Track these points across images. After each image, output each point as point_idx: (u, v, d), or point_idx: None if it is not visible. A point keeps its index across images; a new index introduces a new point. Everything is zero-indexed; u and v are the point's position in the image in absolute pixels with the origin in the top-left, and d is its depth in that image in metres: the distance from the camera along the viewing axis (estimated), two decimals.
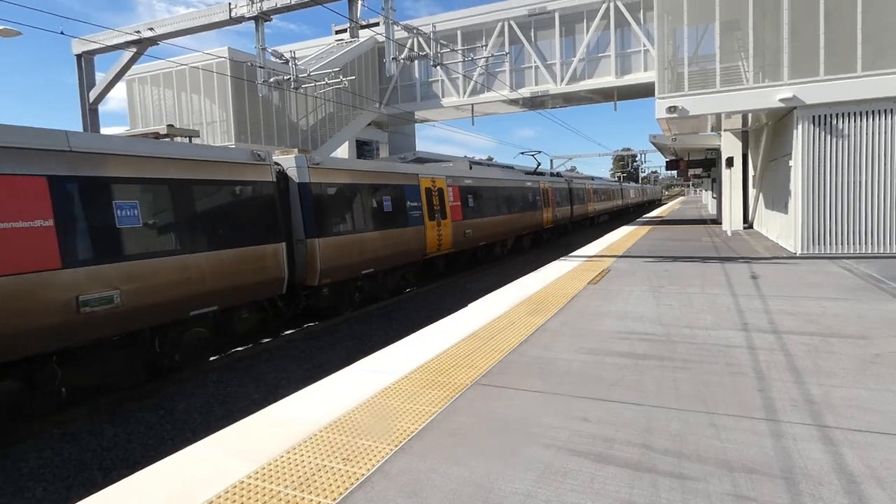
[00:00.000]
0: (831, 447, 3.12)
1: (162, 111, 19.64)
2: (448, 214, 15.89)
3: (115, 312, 7.07)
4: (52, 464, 5.79)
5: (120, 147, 7.50)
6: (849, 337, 5.37)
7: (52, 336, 6.49)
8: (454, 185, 16.70)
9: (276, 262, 9.59)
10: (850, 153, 11.20)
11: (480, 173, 19.22)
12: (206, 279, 8.27)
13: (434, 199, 15.17)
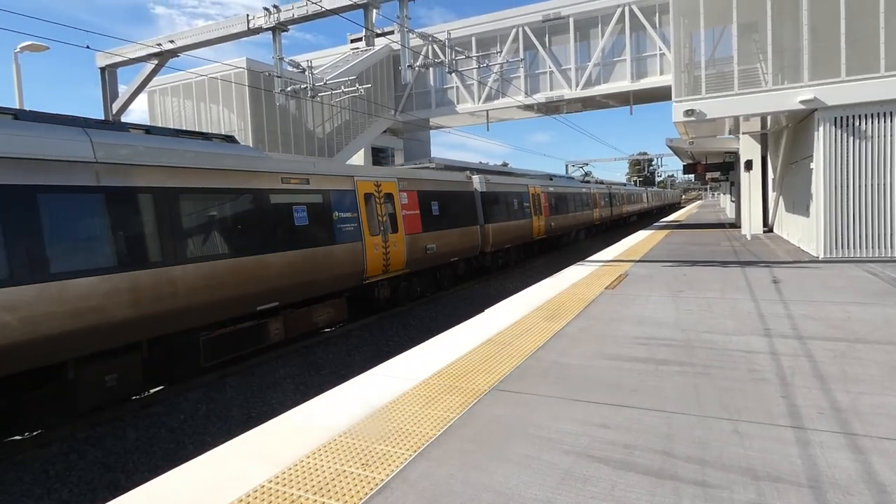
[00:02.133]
0: (860, 455, 3.05)
1: (182, 121, 19.99)
2: (543, 212, 23.13)
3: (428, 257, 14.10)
4: (77, 466, 5.90)
5: (432, 175, 15.51)
6: (876, 342, 5.25)
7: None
8: (545, 191, 23.88)
9: (477, 236, 17.29)
10: (874, 155, 10.98)
11: (558, 183, 27.12)
12: (457, 243, 15.89)
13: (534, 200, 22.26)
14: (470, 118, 24.39)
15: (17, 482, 5.61)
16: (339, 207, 11.06)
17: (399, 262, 12.86)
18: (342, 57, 23.72)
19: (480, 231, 17.37)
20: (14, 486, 5.55)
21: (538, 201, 22.60)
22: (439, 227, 14.74)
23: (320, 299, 10.64)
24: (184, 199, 8.02)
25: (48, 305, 6.21)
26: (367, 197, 11.95)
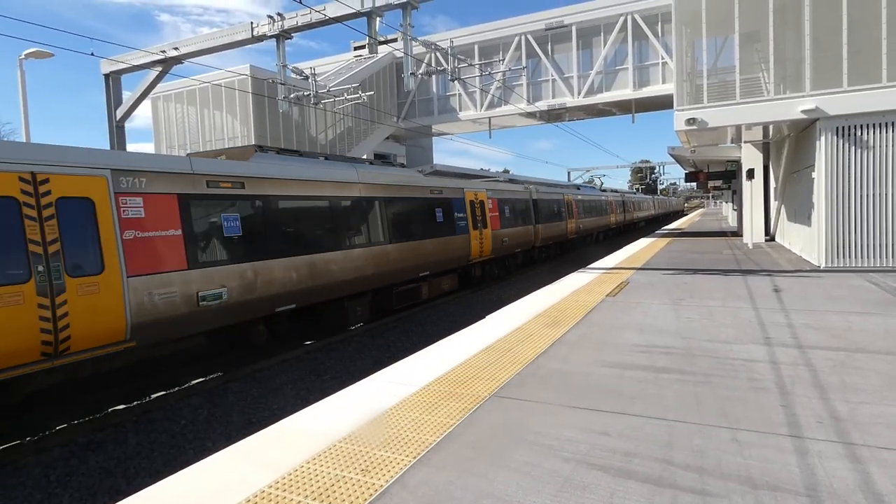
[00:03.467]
0: (858, 465, 3.06)
1: (185, 127, 20.13)
2: (574, 216, 27.71)
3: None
4: (78, 471, 5.91)
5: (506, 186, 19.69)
6: (876, 352, 5.25)
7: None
8: (574, 199, 28.25)
9: (531, 233, 21.48)
10: (876, 164, 11.00)
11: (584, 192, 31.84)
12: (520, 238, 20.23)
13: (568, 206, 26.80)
14: (472, 125, 24.50)
15: (19, 486, 5.63)
16: (458, 209, 15.87)
17: (487, 250, 17.56)
18: (345, 64, 23.88)
19: (534, 230, 22.01)
20: (16, 490, 5.57)
21: (570, 207, 27.31)
22: (509, 225, 19.42)
23: (444, 273, 15.28)
24: (390, 203, 12.74)
25: (347, 263, 11.04)
26: (471, 202, 16.67)
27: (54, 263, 6.42)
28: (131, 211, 7.33)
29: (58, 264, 6.45)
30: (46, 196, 6.48)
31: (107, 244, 6.95)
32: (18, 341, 6.03)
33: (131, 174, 7.43)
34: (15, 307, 5.99)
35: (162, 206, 7.72)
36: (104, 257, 6.90)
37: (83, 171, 6.90)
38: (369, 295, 12.17)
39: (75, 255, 6.66)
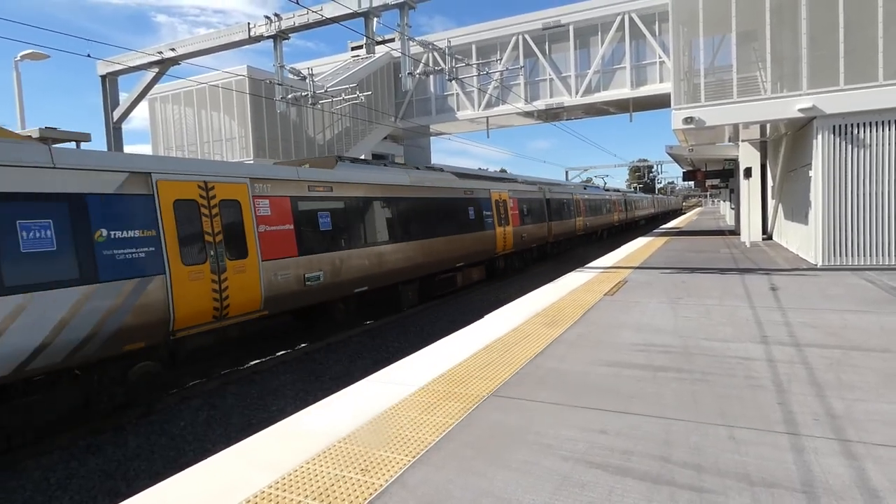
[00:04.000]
0: (854, 462, 3.08)
1: (183, 129, 20.11)
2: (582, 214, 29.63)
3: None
4: (78, 474, 5.92)
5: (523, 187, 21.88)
6: (872, 350, 5.28)
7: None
8: (582, 198, 30.27)
9: (545, 229, 23.36)
10: (872, 163, 11.04)
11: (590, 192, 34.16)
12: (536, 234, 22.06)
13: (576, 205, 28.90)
14: (470, 125, 24.53)
15: (19, 489, 5.63)
16: (486, 208, 17.70)
17: (510, 245, 19.38)
18: (343, 64, 23.88)
19: (548, 226, 23.90)
20: (16, 493, 5.58)
21: (578, 206, 29.30)
22: (527, 222, 21.39)
23: (475, 265, 17.10)
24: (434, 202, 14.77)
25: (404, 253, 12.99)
26: (496, 202, 18.51)
27: (220, 249, 8.41)
28: (262, 210, 9.34)
29: (221, 250, 8.44)
30: (213, 199, 8.46)
31: (248, 235, 8.99)
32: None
33: (261, 181, 9.40)
34: (199, 281, 8.06)
35: (281, 205, 9.73)
36: (248, 245, 8.94)
37: (232, 180, 8.88)
38: (417, 282, 14.21)
39: (231, 243, 8.65)
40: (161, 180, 7.82)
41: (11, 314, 5.94)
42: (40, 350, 6.20)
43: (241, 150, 18.78)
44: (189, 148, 20.07)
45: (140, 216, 7.45)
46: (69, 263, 6.60)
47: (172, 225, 7.83)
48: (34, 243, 6.31)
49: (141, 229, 7.42)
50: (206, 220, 8.26)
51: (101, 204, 7.02)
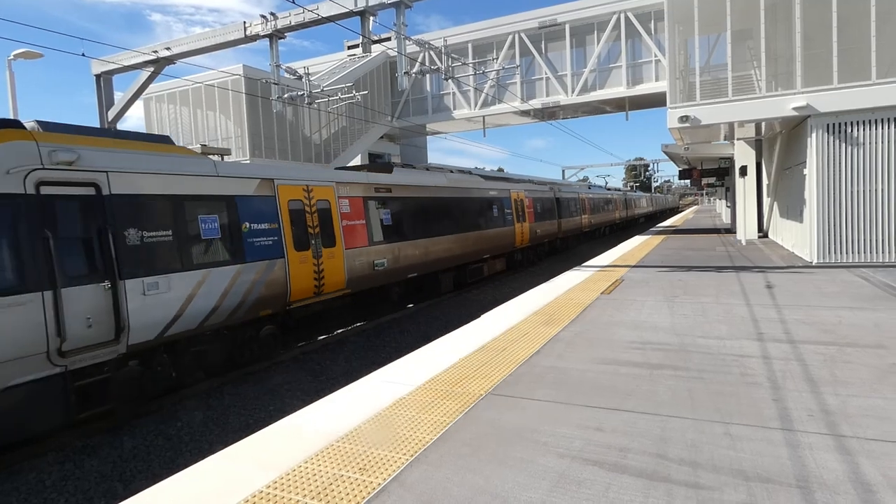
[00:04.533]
0: (847, 456, 3.11)
1: (178, 128, 20.03)
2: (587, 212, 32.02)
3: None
4: (73, 476, 5.90)
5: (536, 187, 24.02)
6: (866, 346, 5.32)
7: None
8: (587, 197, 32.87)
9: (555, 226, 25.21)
10: (866, 161, 11.11)
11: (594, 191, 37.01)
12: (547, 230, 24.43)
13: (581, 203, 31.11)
14: (466, 124, 24.51)
15: (13, 492, 5.61)
16: (506, 206, 19.86)
17: (526, 239, 21.56)
18: (339, 63, 23.83)
19: (557, 223, 26.05)
20: (10, 495, 5.56)
21: (584, 204, 31.69)
22: (541, 219, 23.40)
23: (497, 257, 19.13)
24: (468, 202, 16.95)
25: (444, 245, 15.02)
26: (514, 201, 20.62)
27: (317, 239, 10.41)
28: (344, 207, 11.37)
29: (318, 240, 10.43)
30: (312, 199, 10.54)
31: (336, 228, 10.99)
32: (307, 284, 10.07)
33: (342, 184, 11.48)
34: (305, 264, 10.05)
35: (356, 204, 11.82)
36: (335, 236, 10.93)
37: (324, 183, 10.95)
38: (453, 271, 16.23)
39: (324, 234, 10.62)
40: (280, 185, 9.85)
41: (197, 284, 7.89)
42: (213, 312, 8.15)
43: (237, 150, 18.71)
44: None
45: (268, 213, 9.45)
46: (229, 248, 8.61)
47: (287, 219, 9.82)
48: (208, 232, 8.26)
49: (269, 223, 9.45)
50: (308, 215, 10.35)
51: (244, 203, 9.02)
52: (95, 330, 6.63)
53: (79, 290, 6.50)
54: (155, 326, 7.37)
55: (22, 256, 6.12)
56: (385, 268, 12.38)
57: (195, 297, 7.84)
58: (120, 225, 7.09)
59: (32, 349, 5.99)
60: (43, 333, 6.08)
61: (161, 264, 7.54)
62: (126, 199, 7.25)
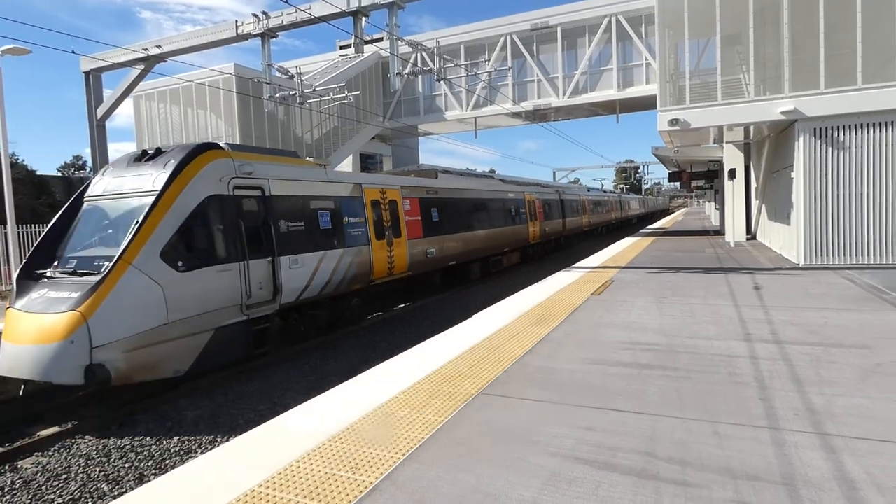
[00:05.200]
0: (832, 455, 3.17)
1: (168, 127, 19.89)
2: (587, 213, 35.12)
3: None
4: (58, 476, 5.85)
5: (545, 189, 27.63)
6: (851, 347, 5.41)
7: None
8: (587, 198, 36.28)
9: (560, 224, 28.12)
10: (852, 165, 11.28)
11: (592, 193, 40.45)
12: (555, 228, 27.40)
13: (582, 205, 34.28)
14: (458, 125, 24.52)
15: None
16: (521, 206, 22.70)
17: (537, 236, 24.42)
18: (331, 63, 23.77)
19: (562, 222, 28.67)
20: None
21: (584, 206, 34.76)
22: (548, 219, 26.16)
23: (513, 251, 21.83)
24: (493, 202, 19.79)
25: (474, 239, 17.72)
26: (528, 202, 23.49)
27: (389, 231, 13.09)
28: (406, 206, 14.12)
29: (390, 231, 13.11)
30: (385, 199, 13.20)
31: (401, 222, 13.73)
32: (383, 266, 12.73)
33: (405, 187, 14.43)
34: (382, 250, 12.73)
35: (414, 204, 14.61)
36: (401, 229, 13.66)
37: (393, 186, 13.80)
38: (480, 261, 18.68)
39: (394, 227, 13.32)
40: (366, 187, 12.56)
41: (318, 262, 10.50)
42: (326, 284, 10.77)
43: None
44: None
45: (358, 210, 12.09)
46: (336, 236, 11.21)
47: (370, 215, 12.43)
48: (323, 224, 10.91)
49: (359, 217, 12.05)
50: (384, 212, 12.94)
51: (345, 202, 11.72)
52: (264, 292, 9.23)
53: (256, 263, 9.04)
54: (295, 292, 9.95)
55: (229, 237, 8.67)
56: (433, 256, 15.24)
57: (317, 272, 10.51)
58: (275, 217, 9.63)
59: (234, 301, 8.60)
60: (239, 291, 8.66)
61: (298, 247, 10.07)
62: (278, 198, 9.80)
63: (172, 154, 8.64)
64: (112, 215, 8.42)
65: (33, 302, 7.30)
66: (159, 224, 7.77)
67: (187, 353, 7.91)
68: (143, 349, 7.31)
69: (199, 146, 8.92)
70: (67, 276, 7.67)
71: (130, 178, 8.58)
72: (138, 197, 8.21)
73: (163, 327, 7.51)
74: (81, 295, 7.03)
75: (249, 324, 8.90)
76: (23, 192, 27.23)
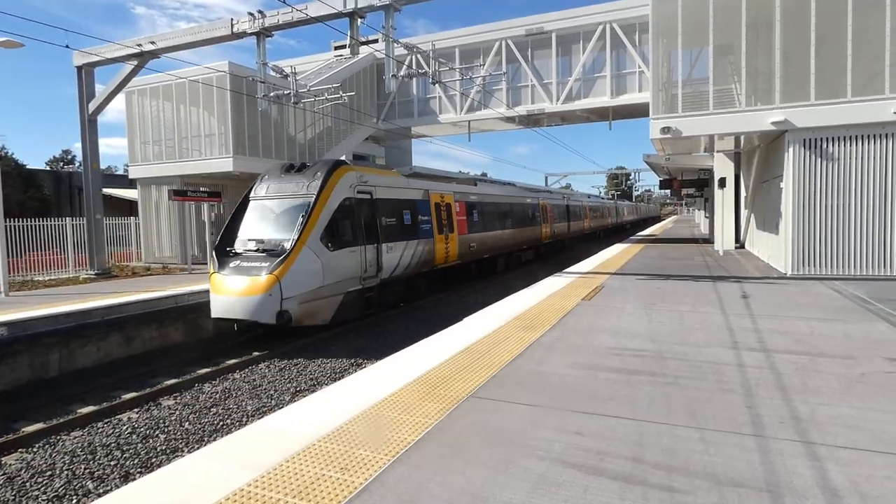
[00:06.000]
0: (816, 463, 3.21)
1: (161, 123, 19.76)
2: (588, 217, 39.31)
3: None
4: (43, 473, 5.78)
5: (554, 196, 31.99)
6: (836, 356, 5.49)
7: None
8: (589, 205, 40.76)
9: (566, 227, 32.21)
10: (840, 176, 11.43)
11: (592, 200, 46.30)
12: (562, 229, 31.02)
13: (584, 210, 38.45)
14: (452, 128, 24.61)
15: None
16: (536, 210, 25.95)
17: (548, 236, 27.83)
18: (326, 63, 23.76)
19: (567, 225, 32.40)
20: None
21: (586, 211, 39.05)
22: (556, 221, 29.64)
23: (529, 248, 24.96)
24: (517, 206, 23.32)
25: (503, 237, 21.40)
26: (541, 206, 26.86)
27: (446, 227, 16.12)
28: (456, 208, 17.24)
29: (447, 228, 16.18)
30: (444, 202, 16.41)
31: (453, 221, 16.79)
32: (442, 255, 15.64)
33: (456, 192, 17.54)
34: (441, 243, 15.67)
35: (461, 206, 17.63)
36: (454, 226, 16.73)
37: (448, 192, 16.93)
38: (504, 257, 21.67)
39: (449, 224, 16.37)
40: (431, 192, 15.87)
41: (402, 249, 13.59)
42: (407, 266, 13.90)
43: (221, 147, 18.53)
44: (167, 143, 19.71)
45: (426, 210, 15.29)
46: (413, 230, 14.29)
47: (434, 214, 15.63)
48: (406, 219, 14.08)
49: (427, 216, 15.23)
50: (442, 212, 16.13)
51: (418, 203, 14.93)
52: (372, 269, 12.33)
53: (370, 247, 12.25)
54: (388, 270, 13.03)
55: (355, 228, 11.88)
56: (474, 249, 18.28)
57: (402, 256, 13.64)
58: (378, 213, 12.80)
59: (356, 274, 11.76)
60: (360, 267, 11.83)
61: (392, 237, 13.25)
62: (380, 200, 13.04)
63: (318, 168, 11.82)
64: (277, 210, 11.53)
65: (235, 269, 10.38)
66: (319, 217, 10.91)
67: (330, 308, 11.09)
68: (309, 302, 10.52)
69: (335, 162, 12.24)
70: (255, 252, 10.82)
71: (286, 184, 11.73)
72: (299, 198, 11.34)
73: (319, 289, 10.67)
74: (275, 264, 10.11)
75: (363, 292, 12.11)
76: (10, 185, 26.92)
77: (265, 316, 9.91)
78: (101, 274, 16.10)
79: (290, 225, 10.96)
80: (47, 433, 6.77)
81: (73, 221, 17.64)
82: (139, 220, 20.68)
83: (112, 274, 16.41)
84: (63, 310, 9.68)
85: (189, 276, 15.19)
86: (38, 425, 7.04)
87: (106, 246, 17.54)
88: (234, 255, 10.87)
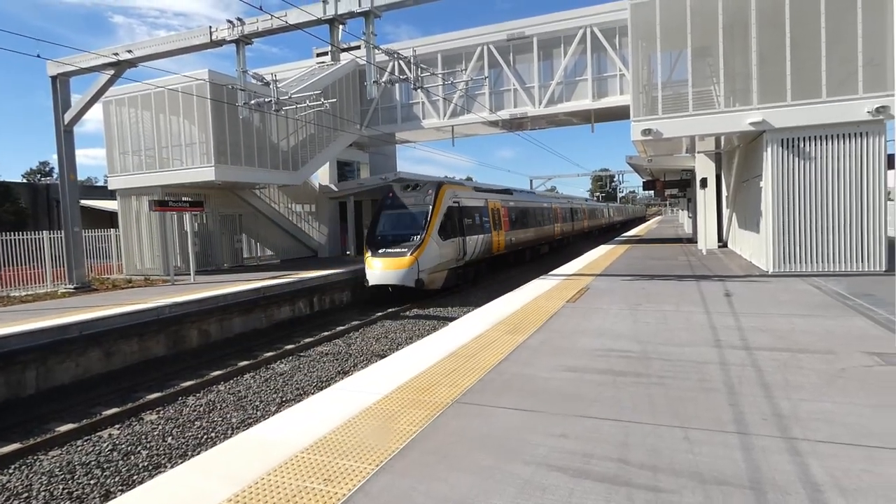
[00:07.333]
0: (798, 458, 3.24)
1: (140, 133, 19.52)
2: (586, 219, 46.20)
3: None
4: (19, 495, 5.64)
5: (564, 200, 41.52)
6: (816, 352, 5.55)
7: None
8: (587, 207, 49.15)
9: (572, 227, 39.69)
10: (817, 175, 11.63)
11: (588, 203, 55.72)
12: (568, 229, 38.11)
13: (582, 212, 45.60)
14: (435, 133, 24.59)
15: None
16: (550, 213, 32.17)
17: (559, 234, 33.74)
18: (307, 71, 23.65)
19: (571, 225, 37.88)
20: None
21: (584, 213, 45.29)
22: (563, 222, 35.35)
23: (545, 244, 30.82)
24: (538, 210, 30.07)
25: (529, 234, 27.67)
26: (553, 209, 32.96)
27: (498, 226, 22.07)
28: (501, 212, 22.79)
29: (498, 226, 22.15)
30: (494, 207, 22.13)
31: (500, 221, 22.41)
32: (496, 247, 21.67)
33: (501, 200, 23.44)
34: (495, 237, 21.53)
35: (505, 209, 23.34)
36: (501, 225, 22.49)
37: (496, 200, 22.73)
38: (529, 250, 26.88)
39: (498, 224, 22.18)
40: (489, 200, 21.37)
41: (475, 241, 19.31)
42: (479, 251, 19.64)
43: (202, 156, 18.33)
44: (146, 153, 19.47)
45: (486, 213, 20.70)
46: (481, 227, 20.12)
47: (490, 216, 20.94)
48: (476, 220, 19.89)
49: (486, 218, 20.62)
50: (493, 214, 21.20)
51: (482, 209, 20.45)
52: (462, 254, 17.80)
53: (460, 238, 17.85)
54: (470, 255, 18.41)
55: (454, 226, 17.65)
56: (512, 243, 23.40)
57: (476, 245, 19.06)
58: (462, 216, 18.27)
59: (455, 257, 17.52)
60: (457, 252, 17.57)
61: (470, 232, 18.75)
62: (464, 207, 18.58)
63: (429, 186, 17.63)
64: (405, 216, 16.99)
65: (384, 253, 16.00)
66: (436, 219, 16.67)
67: (442, 279, 16.91)
68: (433, 273, 16.20)
69: (440, 182, 18.66)
70: (398, 242, 16.24)
71: (407, 198, 17.41)
72: (421, 207, 16.99)
73: (438, 265, 16.37)
74: (413, 248, 15.80)
75: (456, 269, 17.83)
76: None
77: (409, 282, 15.42)
78: (80, 288, 15.79)
79: (419, 225, 16.52)
80: (23, 453, 6.60)
81: (50, 234, 17.29)
82: (119, 232, 20.37)
83: (92, 287, 16.11)
84: (40, 325, 9.49)
85: (172, 287, 14.95)
86: (14, 445, 6.86)
87: (85, 259, 17.20)
88: (381, 245, 16.36)
